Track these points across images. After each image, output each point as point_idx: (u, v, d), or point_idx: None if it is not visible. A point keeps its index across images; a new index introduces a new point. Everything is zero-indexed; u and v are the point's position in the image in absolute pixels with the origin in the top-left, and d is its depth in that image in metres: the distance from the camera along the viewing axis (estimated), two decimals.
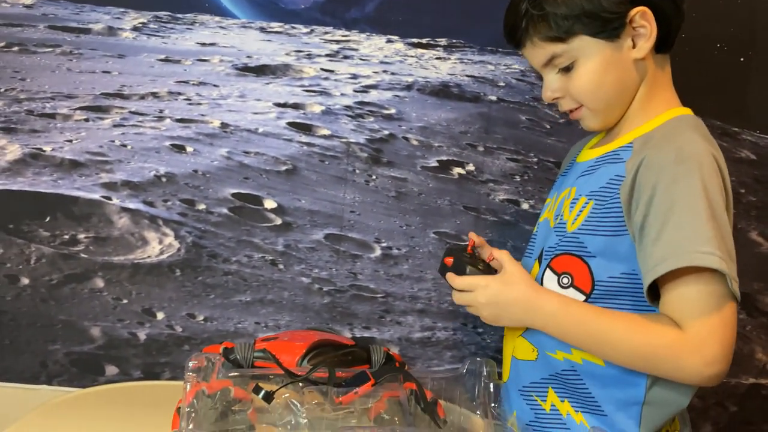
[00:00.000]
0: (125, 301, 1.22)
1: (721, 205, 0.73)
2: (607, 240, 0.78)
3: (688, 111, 0.84)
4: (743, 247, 1.30)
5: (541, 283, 0.84)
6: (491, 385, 0.86)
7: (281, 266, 1.23)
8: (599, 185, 0.80)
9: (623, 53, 0.80)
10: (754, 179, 1.29)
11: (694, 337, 0.72)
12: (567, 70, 0.81)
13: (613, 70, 0.80)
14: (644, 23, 0.79)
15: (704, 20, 1.23)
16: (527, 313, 0.80)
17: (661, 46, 0.82)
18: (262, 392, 0.77)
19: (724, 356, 0.72)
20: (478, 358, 0.89)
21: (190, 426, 0.75)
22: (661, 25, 0.79)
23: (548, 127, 1.23)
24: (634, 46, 0.80)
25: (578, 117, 0.85)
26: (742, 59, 1.26)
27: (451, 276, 0.84)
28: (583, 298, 0.79)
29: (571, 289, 0.80)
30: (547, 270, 0.83)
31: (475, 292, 0.81)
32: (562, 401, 0.82)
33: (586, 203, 0.81)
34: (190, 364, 0.80)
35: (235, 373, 0.82)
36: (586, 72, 0.80)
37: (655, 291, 0.75)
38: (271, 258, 1.23)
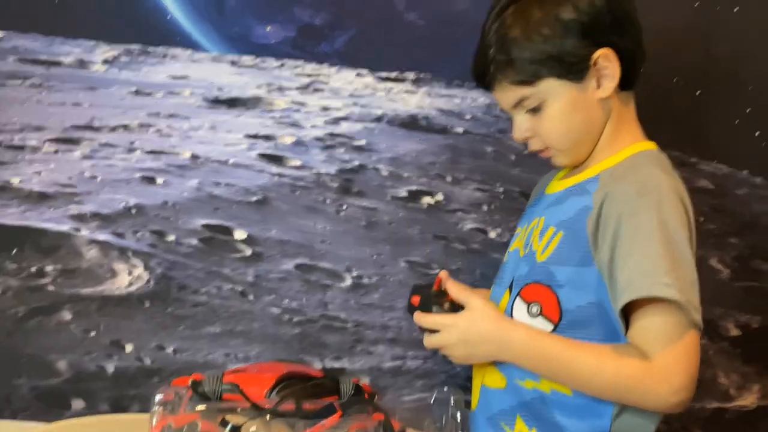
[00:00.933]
0: (93, 334, 1.21)
1: (682, 236, 0.76)
2: (575, 270, 0.80)
3: (652, 145, 0.87)
4: (703, 274, 1.33)
5: (511, 312, 0.85)
6: (458, 414, 0.87)
7: (251, 297, 1.23)
8: (567, 216, 0.83)
9: (589, 93, 0.83)
10: (711, 208, 1.33)
11: (661, 367, 0.74)
12: (536, 110, 0.84)
13: (579, 110, 0.83)
14: (607, 64, 0.82)
15: (662, 56, 1.27)
16: (497, 346, 0.82)
17: (624, 84, 0.85)
18: (230, 426, 0.77)
19: (689, 384, 0.75)
20: (446, 387, 0.90)
21: None
22: (624, 65, 0.83)
23: (513, 158, 1.26)
24: (599, 86, 0.83)
25: (547, 156, 0.88)
26: (698, 92, 1.31)
27: (417, 315, 0.86)
28: (552, 327, 0.81)
29: (540, 318, 0.82)
30: (517, 299, 0.85)
31: (443, 332, 0.83)
32: (529, 429, 0.83)
33: (555, 233, 0.84)
34: (157, 397, 0.81)
35: (203, 407, 0.82)
36: (554, 113, 0.83)
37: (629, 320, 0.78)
38: (241, 289, 1.23)
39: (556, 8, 0.81)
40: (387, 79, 1.25)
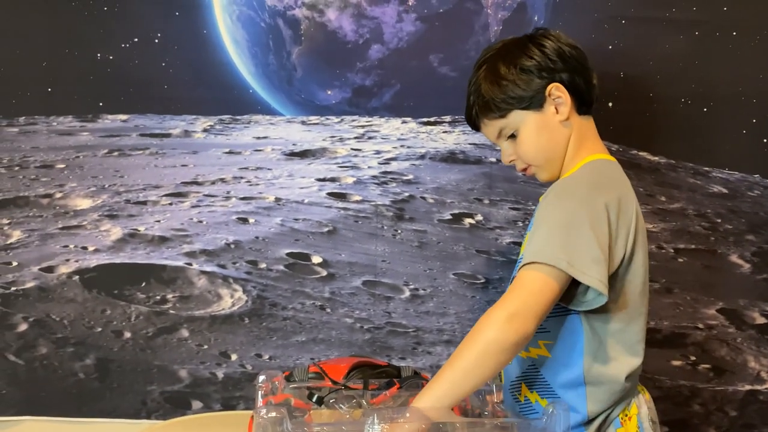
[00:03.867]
0: (206, 347, 1.47)
1: (585, 223, 0.90)
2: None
3: (604, 156, 1.05)
4: (726, 269, 1.47)
5: None
6: (494, 386, 1.08)
7: (328, 310, 1.47)
8: (533, 216, 1.04)
9: (550, 117, 1.03)
10: (728, 210, 1.46)
11: (503, 299, 0.88)
12: (513, 137, 1.05)
13: (544, 132, 1.03)
14: (559, 94, 1.02)
15: (669, 80, 1.42)
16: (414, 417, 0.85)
17: (580, 109, 1.04)
18: (315, 396, 1.01)
19: (525, 314, 0.85)
20: None
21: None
22: (573, 94, 1.02)
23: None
24: (557, 112, 1.03)
25: (530, 173, 1.08)
26: (705, 110, 1.44)
27: None
28: None
29: None
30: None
31: None
32: (531, 392, 1.01)
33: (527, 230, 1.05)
34: (260, 378, 1.06)
35: (295, 386, 1.07)
36: (526, 137, 1.04)
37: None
38: (320, 304, 1.47)
39: (515, 59, 1.03)
40: (427, 123, 1.47)
